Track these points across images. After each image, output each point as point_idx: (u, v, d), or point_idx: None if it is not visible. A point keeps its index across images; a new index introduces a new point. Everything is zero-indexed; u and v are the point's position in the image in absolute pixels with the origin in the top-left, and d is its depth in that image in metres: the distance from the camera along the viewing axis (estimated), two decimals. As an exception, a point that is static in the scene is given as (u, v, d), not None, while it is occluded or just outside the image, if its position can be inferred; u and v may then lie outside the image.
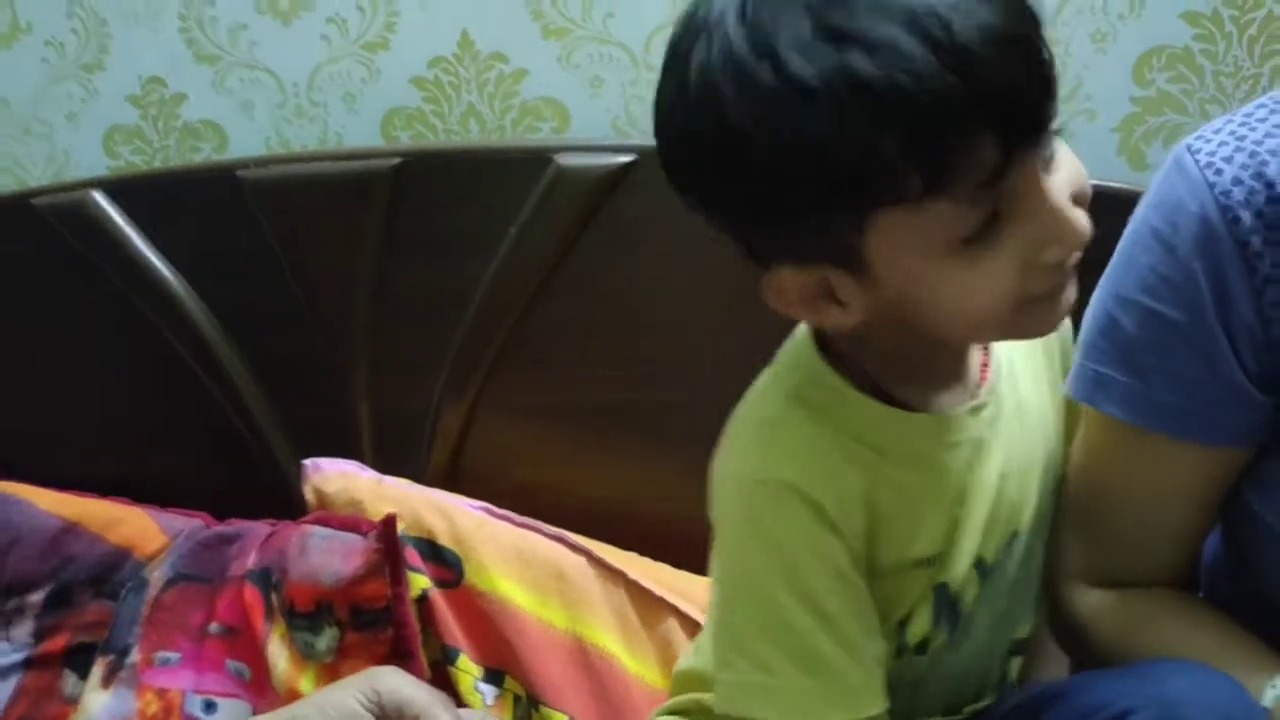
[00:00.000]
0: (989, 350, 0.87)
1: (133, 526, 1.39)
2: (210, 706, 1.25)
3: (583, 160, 1.30)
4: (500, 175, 1.33)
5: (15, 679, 1.36)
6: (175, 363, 1.43)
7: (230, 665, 1.26)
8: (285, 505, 1.40)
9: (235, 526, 1.36)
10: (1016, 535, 0.88)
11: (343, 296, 1.38)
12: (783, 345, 0.86)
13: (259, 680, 1.24)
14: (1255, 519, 0.87)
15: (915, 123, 0.66)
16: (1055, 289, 0.76)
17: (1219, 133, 0.84)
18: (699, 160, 0.74)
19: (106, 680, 1.28)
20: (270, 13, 1.44)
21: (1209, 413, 0.83)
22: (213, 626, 1.27)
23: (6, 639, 1.38)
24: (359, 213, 1.36)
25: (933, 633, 0.86)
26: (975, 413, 0.84)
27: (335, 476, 1.34)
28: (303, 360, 1.41)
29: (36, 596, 1.37)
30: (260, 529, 1.33)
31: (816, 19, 0.67)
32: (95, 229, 1.41)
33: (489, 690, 1.23)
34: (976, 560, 0.86)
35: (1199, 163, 0.82)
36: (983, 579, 0.87)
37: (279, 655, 1.22)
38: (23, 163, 1.55)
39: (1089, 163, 1.28)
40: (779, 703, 0.81)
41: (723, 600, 0.84)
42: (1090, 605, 0.92)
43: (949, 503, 0.83)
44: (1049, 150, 0.73)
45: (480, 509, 1.32)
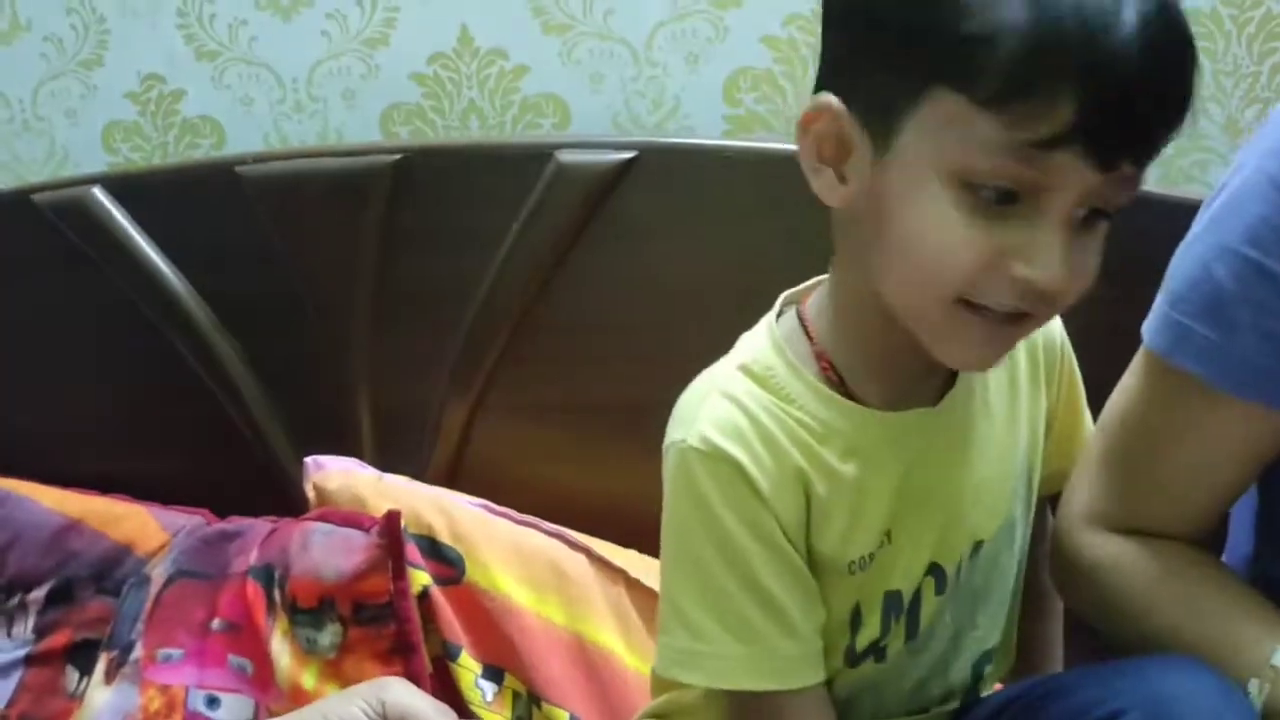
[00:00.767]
0: None
1: (134, 524, 1.39)
2: (213, 702, 1.24)
3: (584, 157, 1.30)
4: (501, 172, 1.33)
5: (17, 675, 1.37)
6: (175, 359, 1.43)
7: (233, 661, 1.26)
8: (285, 502, 1.40)
9: (236, 523, 1.36)
10: (980, 545, 0.87)
11: (343, 293, 1.38)
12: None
13: (262, 676, 1.24)
14: None
15: (1042, 32, 0.65)
16: (990, 320, 0.73)
17: None
18: None
19: (109, 676, 1.28)
20: (270, 9, 1.44)
21: None
22: (215, 623, 1.27)
23: (8, 635, 1.39)
24: (360, 209, 1.35)
25: (889, 639, 0.86)
26: (931, 418, 0.83)
27: (337, 474, 1.33)
28: (303, 357, 1.42)
29: (38, 593, 1.38)
30: (262, 526, 1.33)
31: None
32: (95, 225, 1.41)
33: (489, 687, 1.23)
34: (931, 567, 0.85)
35: None
36: (941, 587, 0.86)
37: (282, 651, 1.22)
38: (22, 159, 1.55)
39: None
40: (708, 667, 0.81)
41: (663, 566, 0.84)
42: (1110, 551, 0.90)
43: (889, 503, 0.82)
44: (1107, 202, 0.71)
45: (480, 506, 1.32)
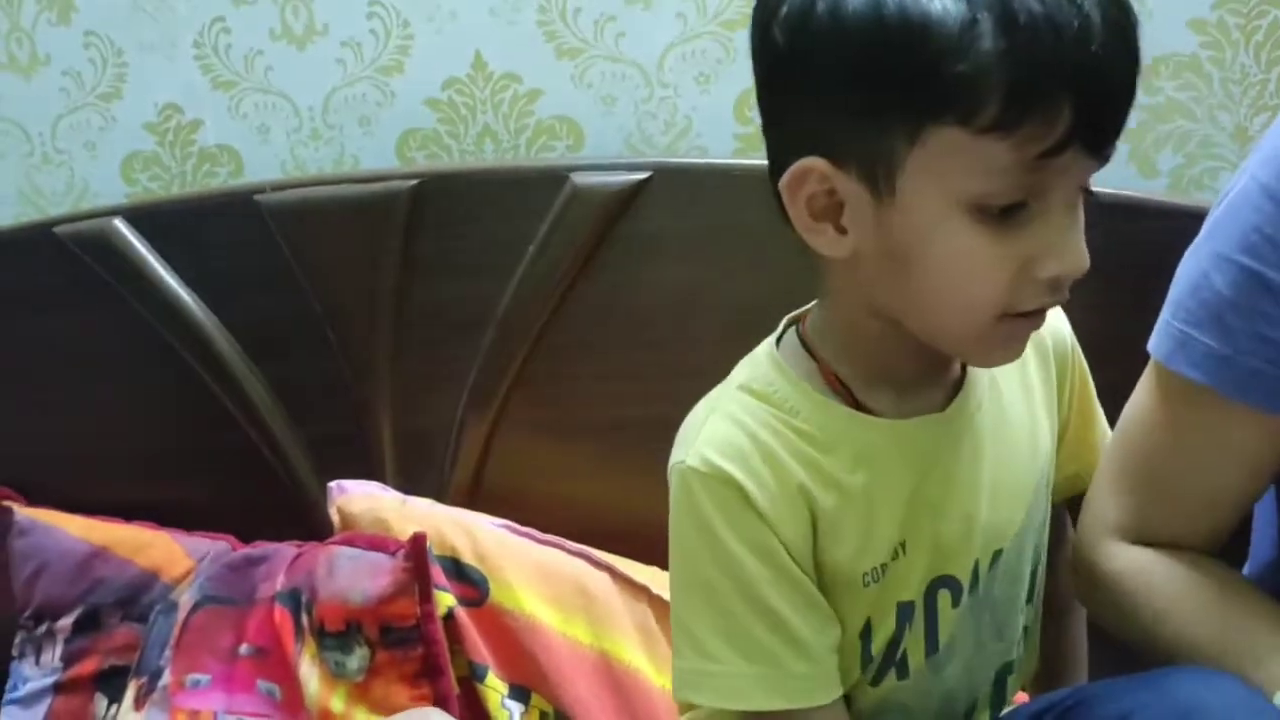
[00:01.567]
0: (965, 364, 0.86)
1: (159, 550, 1.40)
2: (243, 727, 1.25)
3: (598, 178, 1.31)
4: (517, 194, 1.34)
5: (46, 703, 1.37)
6: (197, 386, 1.44)
7: (261, 686, 1.27)
8: (309, 526, 1.42)
9: (261, 549, 1.36)
10: (1000, 554, 0.87)
11: (363, 317, 1.39)
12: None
13: (291, 700, 1.25)
14: None
15: (1028, 52, 0.67)
16: (1034, 316, 0.76)
17: None
18: (809, 11, 0.72)
19: (139, 703, 1.29)
20: (285, 38, 1.46)
21: None
22: (243, 648, 1.28)
23: (36, 664, 1.40)
24: (378, 234, 1.37)
25: (909, 653, 0.86)
26: (940, 424, 0.83)
27: (360, 498, 1.34)
28: (324, 381, 1.42)
29: (65, 621, 1.39)
30: (287, 550, 1.34)
31: None
32: (117, 256, 1.43)
33: (516, 707, 1.24)
34: (942, 579, 0.85)
35: None
36: (957, 599, 0.86)
37: (310, 675, 1.23)
38: (43, 191, 1.57)
39: (1100, 171, 1.31)
40: (718, 688, 0.81)
41: (672, 588, 0.85)
42: (1130, 562, 0.91)
43: (901, 512, 0.82)
44: (1088, 181, 0.74)
45: (502, 527, 1.33)
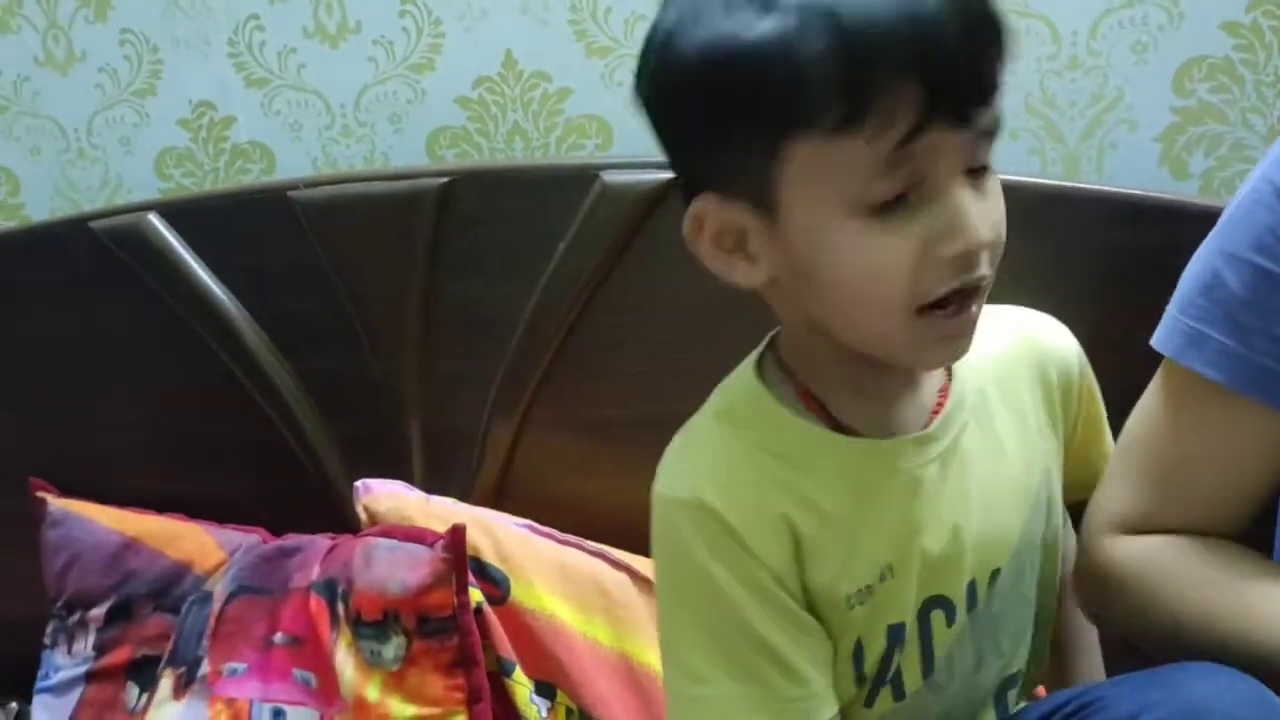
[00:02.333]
0: (949, 381, 0.85)
1: (191, 542, 1.42)
2: (279, 714, 1.26)
3: (628, 177, 1.32)
4: (547, 193, 1.35)
5: (78, 692, 1.39)
6: (228, 381, 1.46)
7: (297, 674, 1.28)
8: (337, 521, 1.43)
9: (295, 540, 1.38)
10: (998, 572, 0.86)
11: (393, 314, 1.40)
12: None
13: (326, 688, 1.26)
14: None
15: (850, 47, 0.67)
16: (956, 302, 0.74)
17: None
18: (655, 67, 0.75)
19: (178, 692, 1.31)
20: (318, 36, 1.47)
21: None
22: (277, 637, 1.29)
23: (68, 653, 1.42)
24: (408, 231, 1.38)
25: (903, 675, 0.85)
26: (921, 444, 0.82)
27: (385, 496, 1.35)
28: (353, 377, 1.43)
29: (98, 611, 1.41)
30: (321, 542, 1.35)
31: None
32: (151, 251, 1.44)
33: (543, 703, 1.25)
34: (935, 599, 0.84)
35: None
36: (951, 618, 0.85)
37: (346, 663, 1.24)
38: (77, 186, 1.59)
39: (1130, 173, 1.31)
40: (710, 711, 0.81)
41: (660, 616, 0.85)
42: (1143, 547, 0.90)
43: (887, 534, 0.81)
44: (977, 158, 0.73)
45: (524, 526, 1.34)
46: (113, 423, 1.51)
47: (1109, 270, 1.21)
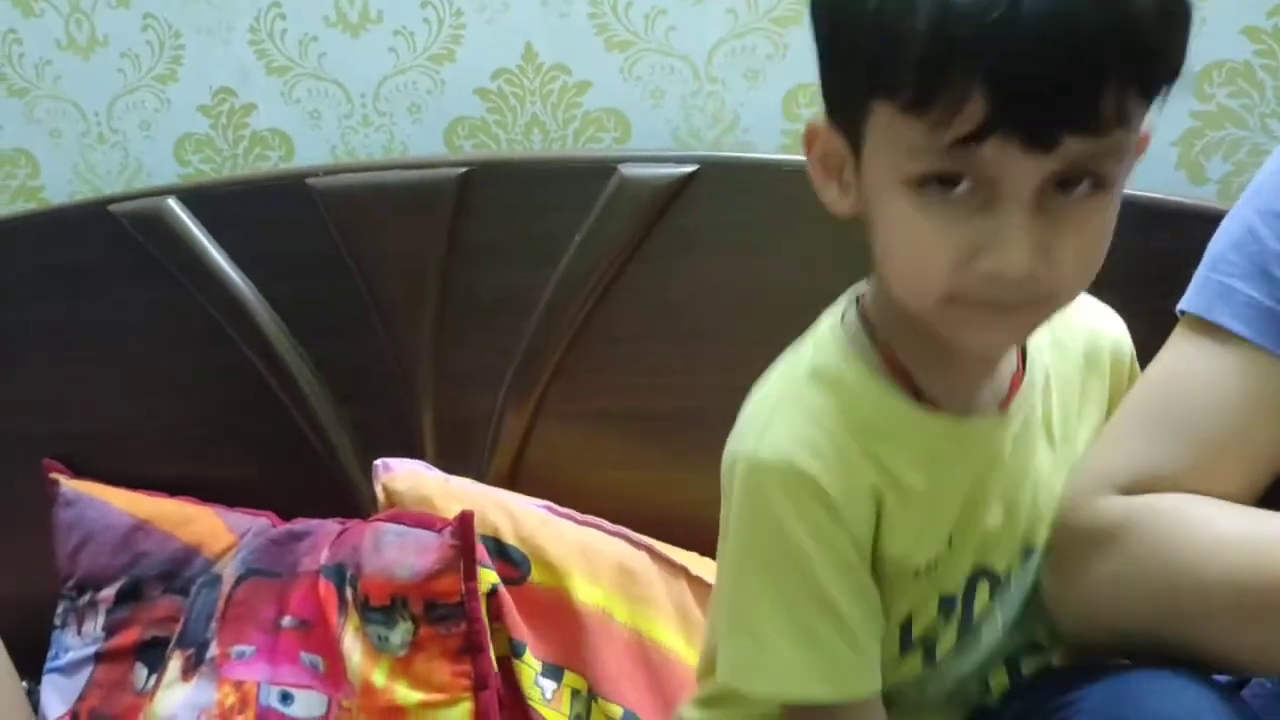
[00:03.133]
0: (1025, 361, 0.85)
1: (202, 525, 1.42)
2: (287, 697, 1.27)
3: (646, 170, 1.32)
4: (565, 185, 1.35)
5: (87, 672, 1.40)
6: (244, 366, 1.47)
7: (305, 658, 1.29)
8: (348, 506, 1.44)
9: (304, 524, 1.38)
10: (1032, 550, 0.88)
11: (409, 303, 1.41)
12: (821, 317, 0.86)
13: (334, 672, 1.27)
14: None
15: (936, 32, 0.66)
16: (985, 309, 0.73)
17: None
18: None
19: (187, 673, 1.32)
20: (340, 25, 1.48)
21: None
22: (285, 620, 1.30)
23: (78, 633, 1.43)
24: (426, 221, 1.38)
25: (939, 641, 0.87)
26: (998, 425, 0.83)
27: (405, 475, 1.36)
28: (368, 365, 1.44)
29: (108, 592, 1.42)
30: (330, 527, 1.36)
31: None
32: (170, 235, 1.45)
33: (548, 685, 1.26)
34: (983, 570, 0.86)
35: None
36: (995, 591, 0.87)
37: (354, 648, 1.25)
38: (97, 170, 1.60)
39: (1149, 177, 1.31)
40: (770, 673, 0.82)
41: (727, 576, 0.85)
42: (1145, 502, 0.84)
43: (955, 511, 0.83)
44: (1075, 168, 0.69)
45: (542, 507, 1.34)
46: (127, 405, 1.52)
47: (1126, 274, 1.19)
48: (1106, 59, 0.65)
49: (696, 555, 1.30)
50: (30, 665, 1.46)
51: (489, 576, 1.26)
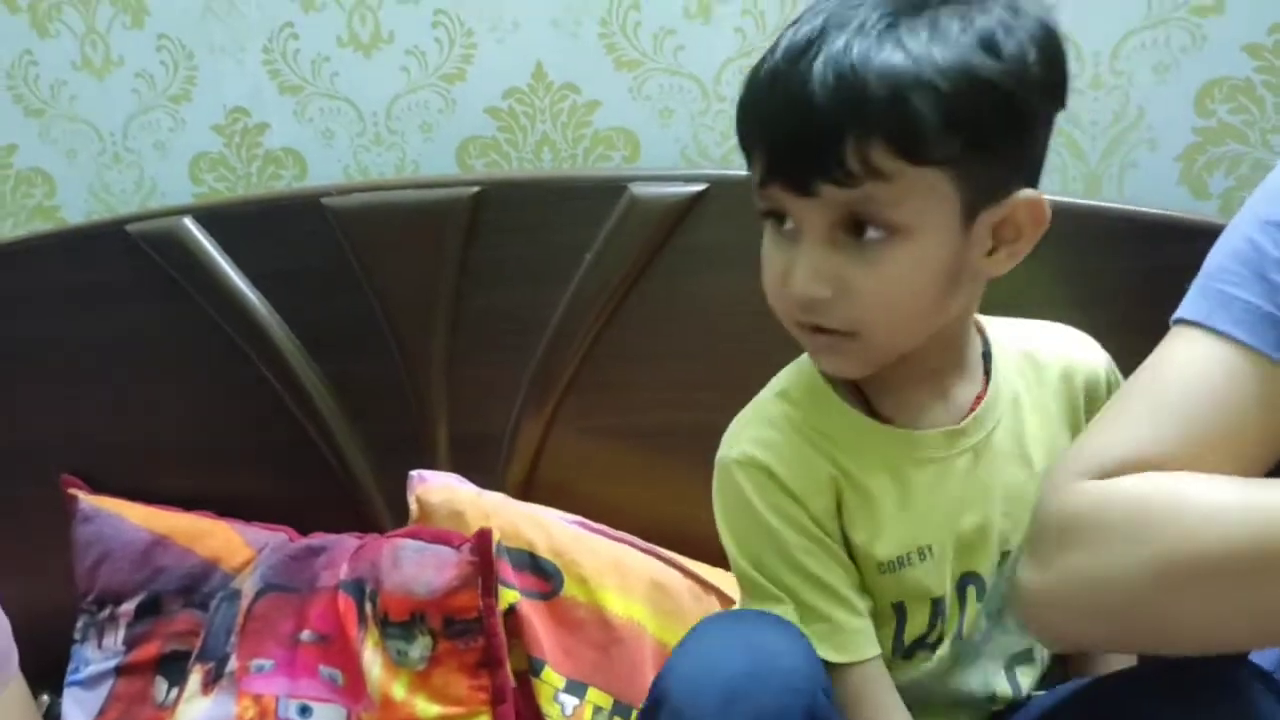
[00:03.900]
0: (987, 382, 0.95)
1: (219, 540, 1.44)
2: (306, 710, 1.29)
3: (656, 189, 1.34)
4: (575, 203, 1.37)
5: (108, 685, 1.42)
6: (259, 383, 1.48)
7: (324, 671, 1.30)
8: (363, 521, 1.46)
9: (322, 539, 1.40)
10: (1006, 555, 0.96)
11: (422, 320, 1.43)
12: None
13: (353, 686, 1.28)
14: None
15: (744, 101, 0.86)
16: (815, 336, 0.87)
17: None
18: None
19: (207, 687, 1.33)
20: (352, 45, 1.50)
21: None
22: (304, 634, 1.32)
23: (99, 647, 1.44)
24: (438, 239, 1.40)
25: (936, 638, 0.95)
26: (951, 437, 0.93)
27: (439, 488, 1.38)
28: (382, 381, 1.46)
29: (128, 606, 1.43)
30: (348, 542, 1.37)
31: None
32: (186, 254, 1.47)
33: (569, 701, 1.27)
34: (970, 575, 0.95)
35: None
36: (981, 593, 0.96)
37: (373, 662, 1.27)
38: (112, 189, 1.62)
39: (1151, 192, 1.32)
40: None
41: (731, 563, 0.95)
42: (1144, 479, 0.80)
43: (913, 514, 0.93)
44: (833, 218, 0.82)
45: (575, 523, 1.36)
46: (143, 421, 1.53)
47: (1128, 288, 1.23)
48: (838, 123, 0.79)
49: (723, 572, 1.31)
50: (52, 678, 1.47)
51: (509, 595, 1.27)
